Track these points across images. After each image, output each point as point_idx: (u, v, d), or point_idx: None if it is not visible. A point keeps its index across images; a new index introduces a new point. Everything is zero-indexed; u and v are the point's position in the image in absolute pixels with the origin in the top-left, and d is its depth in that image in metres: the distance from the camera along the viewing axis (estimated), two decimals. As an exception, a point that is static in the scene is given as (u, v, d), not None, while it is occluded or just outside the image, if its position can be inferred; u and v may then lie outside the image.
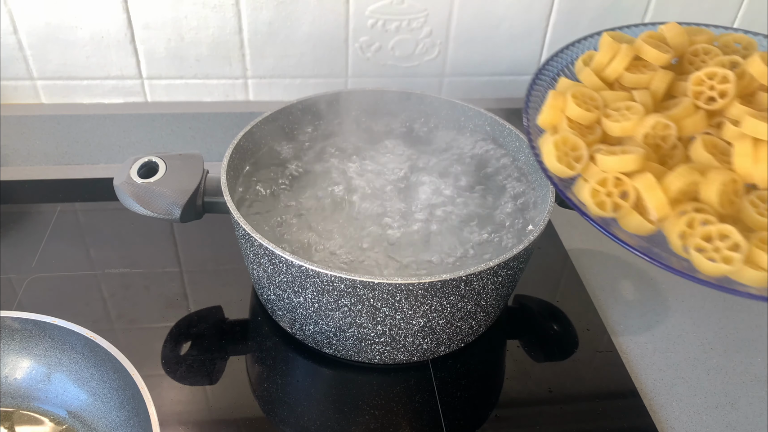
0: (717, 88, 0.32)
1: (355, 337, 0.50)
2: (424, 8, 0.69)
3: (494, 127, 0.62)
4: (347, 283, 0.45)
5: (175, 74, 0.72)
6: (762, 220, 0.29)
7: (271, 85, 0.74)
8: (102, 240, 0.65)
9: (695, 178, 0.31)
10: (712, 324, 0.61)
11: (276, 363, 0.54)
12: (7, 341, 0.47)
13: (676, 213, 0.31)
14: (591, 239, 0.70)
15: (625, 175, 0.33)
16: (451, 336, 0.52)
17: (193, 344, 0.55)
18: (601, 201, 0.33)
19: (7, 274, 0.60)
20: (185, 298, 0.59)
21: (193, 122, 0.74)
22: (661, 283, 0.65)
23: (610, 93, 0.36)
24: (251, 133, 0.58)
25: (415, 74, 0.75)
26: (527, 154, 0.59)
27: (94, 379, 0.46)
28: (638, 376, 0.55)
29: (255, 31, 0.69)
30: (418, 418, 0.50)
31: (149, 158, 0.53)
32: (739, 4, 0.74)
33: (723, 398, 0.54)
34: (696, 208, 0.31)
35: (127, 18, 0.67)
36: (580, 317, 0.60)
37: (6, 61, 0.69)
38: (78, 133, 0.73)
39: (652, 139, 0.33)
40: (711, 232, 0.29)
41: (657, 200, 0.31)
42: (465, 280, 0.45)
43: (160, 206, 0.51)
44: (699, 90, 0.33)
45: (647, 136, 0.33)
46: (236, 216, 0.48)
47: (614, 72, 0.37)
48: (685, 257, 0.31)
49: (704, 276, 0.31)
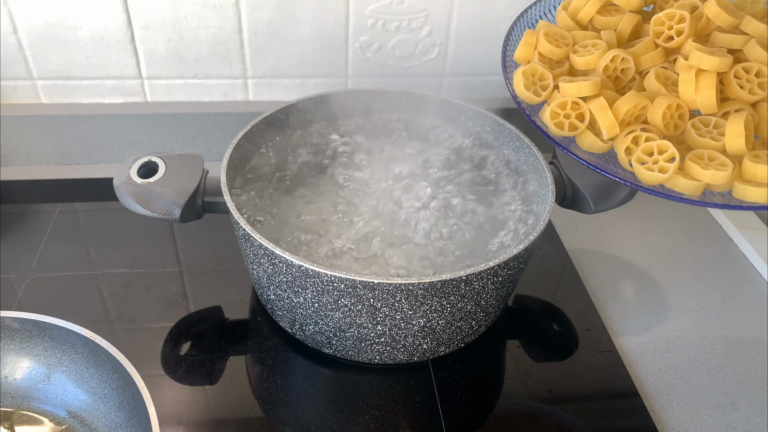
0: (675, 27, 0.37)
1: (355, 337, 0.50)
2: (424, 8, 0.69)
3: (494, 127, 0.62)
4: (347, 283, 0.45)
5: (175, 74, 0.72)
6: (701, 140, 0.35)
7: (271, 85, 0.74)
8: (102, 240, 0.65)
9: (643, 102, 0.37)
10: (712, 324, 0.61)
11: (276, 363, 0.54)
12: (7, 341, 0.47)
13: (625, 132, 0.37)
14: (591, 239, 0.70)
15: (582, 100, 0.38)
16: (451, 336, 0.52)
17: (193, 344, 0.55)
18: (560, 122, 0.38)
19: (7, 274, 0.60)
20: (185, 298, 0.59)
21: (193, 122, 0.74)
22: (661, 283, 0.65)
23: (580, 32, 0.41)
24: (251, 133, 0.58)
25: (415, 74, 0.75)
26: (527, 154, 0.59)
27: (94, 379, 0.46)
28: (638, 376, 0.55)
29: (255, 31, 0.69)
30: (418, 418, 0.50)
31: (149, 158, 0.53)
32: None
33: (723, 398, 0.54)
34: (644, 129, 0.37)
35: (127, 18, 0.67)
36: (580, 317, 0.60)
37: (6, 61, 0.69)
38: (78, 133, 0.73)
39: (613, 72, 0.38)
40: (652, 147, 0.35)
41: (607, 121, 0.36)
42: (465, 280, 0.45)
43: (160, 206, 0.51)
44: (659, 30, 0.38)
45: (607, 68, 0.38)
46: (236, 216, 0.48)
47: (587, 15, 0.41)
48: (630, 170, 0.36)
49: (645, 184, 0.36)
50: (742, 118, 0.34)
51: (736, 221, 0.71)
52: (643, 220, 0.73)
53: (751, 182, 0.34)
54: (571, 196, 0.56)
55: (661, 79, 0.37)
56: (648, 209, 0.74)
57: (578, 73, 0.40)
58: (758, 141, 0.36)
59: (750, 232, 0.70)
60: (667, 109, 0.36)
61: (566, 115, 0.38)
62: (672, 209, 0.75)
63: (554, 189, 0.53)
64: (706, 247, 0.70)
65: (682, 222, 0.73)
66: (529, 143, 0.58)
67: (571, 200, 0.56)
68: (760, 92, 0.35)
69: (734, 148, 0.34)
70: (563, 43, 0.40)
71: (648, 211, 0.74)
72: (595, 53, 0.38)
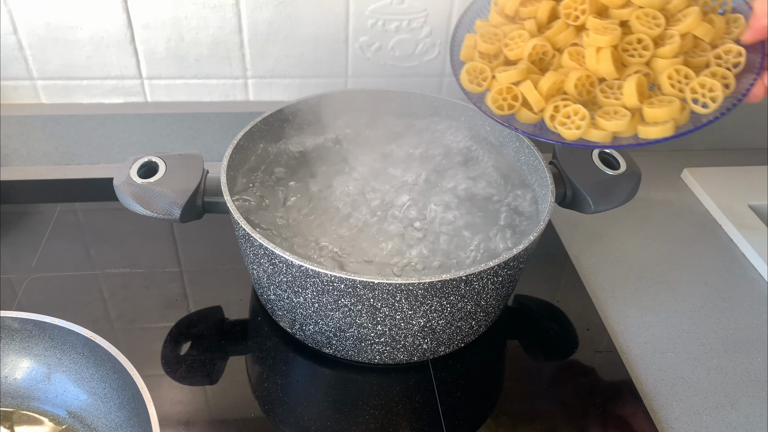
0: (579, 8, 0.46)
1: (355, 337, 0.50)
2: (424, 8, 0.69)
3: (494, 127, 0.62)
4: (347, 283, 0.45)
5: (175, 74, 0.72)
6: (606, 101, 0.45)
7: (271, 85, 0.74)
8: (102, 240, 0.65)
9: (560, 78, 0.46)
10: (712, 324, 0.61)
11: (276, 363, 0.54)
12: (7, 341, 0.47)
13: (550, 104, 0.46)
14: (591, 239, 0.70)
15: (513, 85, 0.47)
16: (451, 336, 0.52)
17: (193, 344, 0.55)
18: (500, 104, 0.47)
19: (7, 274, 0.60)
20: (185, 298, 0.59)
21: (193, 122, 0.74)
22: (661, 283, 0.65)
23: (508, 27, 0.49)
24: (251, 133, 0.58)
25: (415, 74, 0.75)
26: (527, 154, 0.59)
27: (94, 379, 0.46)
28: (638, 376, 0.55)
29: (255, 31, 0.69)
30: (418, 418, 0.50)
31: (149, 158, 0.53)
32: None
33: (723, 398, 0.54)
34: (564, 98, 0.46)
35: (127, 18, 0.67)
36: (580, 317, 0.60)
37: (6, 61, 0.69)
38: (78, 133, 0.73)
39: (536, 56, 0.47)
40: (569, 111, 0.45)
41: (534, 98, 0.46)
42: (465, 280, 0.45)
43: (160, 206, 0.51)
44: (568, 12, 0.46)
45: (531, 55, 0.47)
46: (236, 216, 0.48)
47: (511, 9, 0.50)
48: (555, 131, 0.45)
49: (568, 140, 0.45)
50: (634, 81, 0.43)
51: (736, 221, 0.71)
52: (643, 220, 0.73)
53: (651, 123, 0.43)
54: (571, 196, 0.56)
55: (574, 56, 0.46)
56: (648, 209, 0.74)
57: (511, 62, 0.49)
58: (654, 90, 0.45)
59: (750, 232, 0.70)
60: (578, 80, 0.45)
61: (504, 98, 0.47)
62: (672, 209, 0.75)
63: (554, 189, 0.53)
64: (706, 247, 0.70)
65: (681, 222, 0.73)
66: (529, 143, 0.58)
67: (571, 200, 0.56)
68: (646, 53, 0.45)
69: (631, 104, 0.44)
70: (496, 40, 0.49)
71: (648, 211, 0.74)
72: (520, 45, 0.47)
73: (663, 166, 0.82)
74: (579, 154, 0.57)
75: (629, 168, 0.56)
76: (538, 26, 0.49)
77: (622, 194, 0.55)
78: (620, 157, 0.57)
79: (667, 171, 0.81)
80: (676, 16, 0.46)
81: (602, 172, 0.56)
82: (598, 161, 0.57)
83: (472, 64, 0.49)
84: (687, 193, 0.78)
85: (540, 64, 0.48)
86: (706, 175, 0.79)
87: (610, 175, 0.56)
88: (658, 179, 0.79)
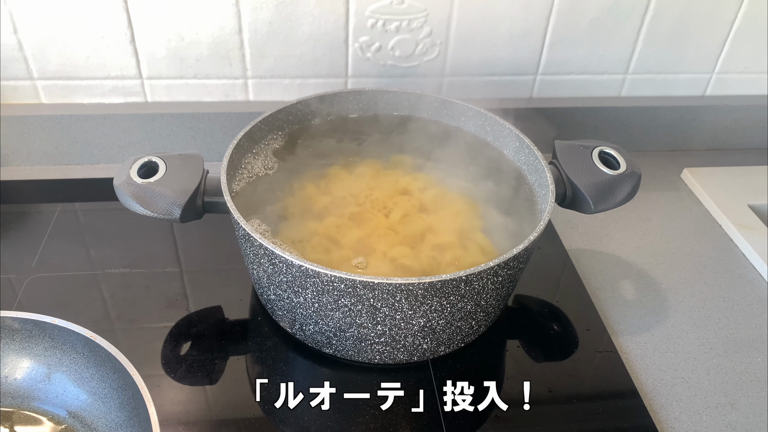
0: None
1: (355, 337, 0.50)
2: (424, 8, 0.69)
3: (494, 127, 0.62)
4: (347, 283, 0.45)
5: (175, 74, 0.72)
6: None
7: (271, 85, 0.74)
8: (102, 240, 0.65)
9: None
10: (712, 324, 0.61)
11: (276, 363, 0.54)
12: (7, 341, 0.47)
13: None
14: (591, 239, 0.70)
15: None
16: (451, 336, 0.52)
17: (193, 344, 0.55)
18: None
19: (7, 274, 0.60)
20: (185, 298, 0.59)
21: (193, 122, 0.74)
22: (661, 283, 0.65)
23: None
24: (251, 133, 0.58)
25: (415, 74, 0.75)
26: (527, 154, 0.59)
27: (94, 379, 0.46)
28: (638, 376, 0.55)
29: (255, 31, 0.69)
30: (419, 419, 0.50)
31: (149, 158, 0.53)
32: (739, 4, 0.74)
33: (723, 398, 0.54)
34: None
35: (127, 18, 0.67)
36: (580, 317, 0.60)
37: (6, 61, 0.69)
38: (78, 133, 0.73)
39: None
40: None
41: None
42: (465, 280, 0.45)
43: (160, 206, 0.51)
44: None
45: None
46: (236, 216, 0.48)
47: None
48: None
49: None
50: None
51: (735, 221, 0.71)
52: (643, 220, 0.73)
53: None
54: (571, 196, 0.56)
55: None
56: (648, 209, 0.74)
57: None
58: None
59: (750, 232, 0.70)
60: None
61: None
62: (672, 209, 0.75)
63: (554, 189, 0.53)
64: (706, 247, 0.70)
65: (681, 222, 0.73)
66: (529, 143, 0.58)
67: (571, 200, 0.56)
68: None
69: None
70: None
71: (648, 211, 0.74)
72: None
73: (663, 166, 0.82)
74: (579, 155, 0.57)
75: (629, 168, 0.56)
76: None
77: (622, 194, 0.55)
78: (620, 157, 0.57)
79: (667, 171, 0.81)
80: None
81: (602, 172, 0.56)
82: (598, 161, 0.56)
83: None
84: (687, 193, 0.78)
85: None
86: (706, 175, 0.79)
87: (610, 175, 0.56)
88: (658, 179, 0.79)
